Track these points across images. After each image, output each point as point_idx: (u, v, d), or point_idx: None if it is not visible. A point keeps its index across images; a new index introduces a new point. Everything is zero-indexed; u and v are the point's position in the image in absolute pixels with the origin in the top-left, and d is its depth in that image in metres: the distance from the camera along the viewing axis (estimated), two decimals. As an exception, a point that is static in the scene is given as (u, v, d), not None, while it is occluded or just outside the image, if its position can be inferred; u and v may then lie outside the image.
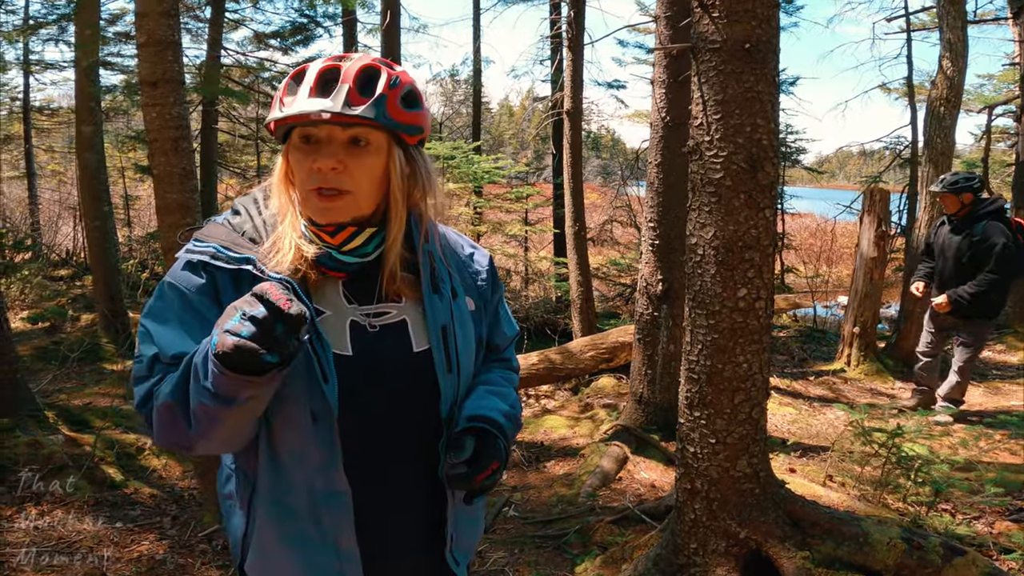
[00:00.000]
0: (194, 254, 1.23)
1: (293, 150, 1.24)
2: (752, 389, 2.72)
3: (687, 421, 2.82)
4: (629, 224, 10.87)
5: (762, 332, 2.70)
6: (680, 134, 4.95)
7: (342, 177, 1.20)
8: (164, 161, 4.59)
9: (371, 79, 1.21)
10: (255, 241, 1.26)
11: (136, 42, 4.66)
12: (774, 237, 2.65)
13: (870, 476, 4.16)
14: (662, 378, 5.19)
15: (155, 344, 1.19)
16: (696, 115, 2.60)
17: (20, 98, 15.01)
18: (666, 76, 4.88)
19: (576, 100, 7.27)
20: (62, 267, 13.22)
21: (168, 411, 1.13)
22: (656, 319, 5.18)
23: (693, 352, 2.75)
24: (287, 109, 1.19)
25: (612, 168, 18.40)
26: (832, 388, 6.83)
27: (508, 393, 1.42)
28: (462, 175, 7.62)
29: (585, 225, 7.66)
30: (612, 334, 6.71)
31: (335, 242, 1.25)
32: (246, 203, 1.34)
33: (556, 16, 9.40)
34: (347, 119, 1.17)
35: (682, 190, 5.12)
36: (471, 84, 12.15)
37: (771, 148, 2.54)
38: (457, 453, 1.24)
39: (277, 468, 1.24)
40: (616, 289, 10.36)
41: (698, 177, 2.62)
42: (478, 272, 1.46)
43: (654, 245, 5.11)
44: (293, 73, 1.25)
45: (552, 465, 5.00)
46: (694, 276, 2.72)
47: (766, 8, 2.45)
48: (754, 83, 2.47)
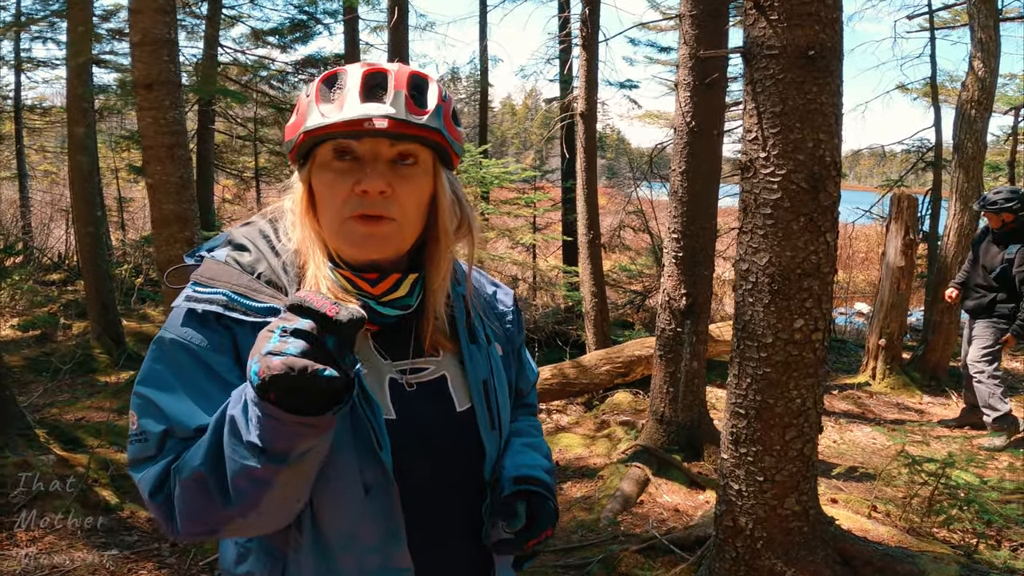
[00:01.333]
0: (200, 303, 1.03)
1: (322, 170, 1.06)
2: (805, 425, 2.58)
3: (731, 457, 2.69)
4: (641, 229, 10.66)
5: (818, 365, 2.54)
6: (706, 140, 4.75)
7: (389, 202, 1.04)
8: (160, 170, 4.38)
9: (421, 88, 1.07)
10: (276, 286, 1.06)
11: (130, 41, 4.47)
12: (834, 263, 2.44)
13: (916, 504, 3.97)
14: (685, 396, 5.02)
15: (166, 417, 0.99)
16: (750, 128, 2.39)
17: (11, 96, 14.79)
18: (691, 78, 4.67)
19: (590, 102, 7.05)
20: (54, 271, 13.01)
21: (198, 485, 0.94)
22: (679, 335, 4.99)
23: (741, 386, 2.61)
24: (331, 116, 1.02)
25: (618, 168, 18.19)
26: (858, 403, 6.67)
27: (542, 444, 1.33)
28: (470, 180, 7.39)
29: (599, 233, 7.45)
30: (628, 347, 6.55)
31: (376, 292, 1.08)
32: (252, 237, 1.12)
33: (565, 14, 9.18)
34: (408, 129, 1.02)
35: (708, 199, 4.95)
36: (478, 83, 11.93)
37: (834, 166, 2.33)
38: (511, 522, 1.14)
39: (323, 551, 1.06)
40: (627, 296, 10.15)
41: (751, 197, 2.41)
42: (504, 314, 1.33)
43: (677, 257, 4.91)
44: (324, 76, 1.08)
45: (569, 487, 4.85)
46: (744, 305, 2.52)
47: (831, 10, 2.24)
48: (817, 93, 2.26)
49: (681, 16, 4.62)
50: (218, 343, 1.02)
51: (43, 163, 19.95)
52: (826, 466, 4.86)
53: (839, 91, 2.32)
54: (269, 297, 1.04)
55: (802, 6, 2.19)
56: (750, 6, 2.26)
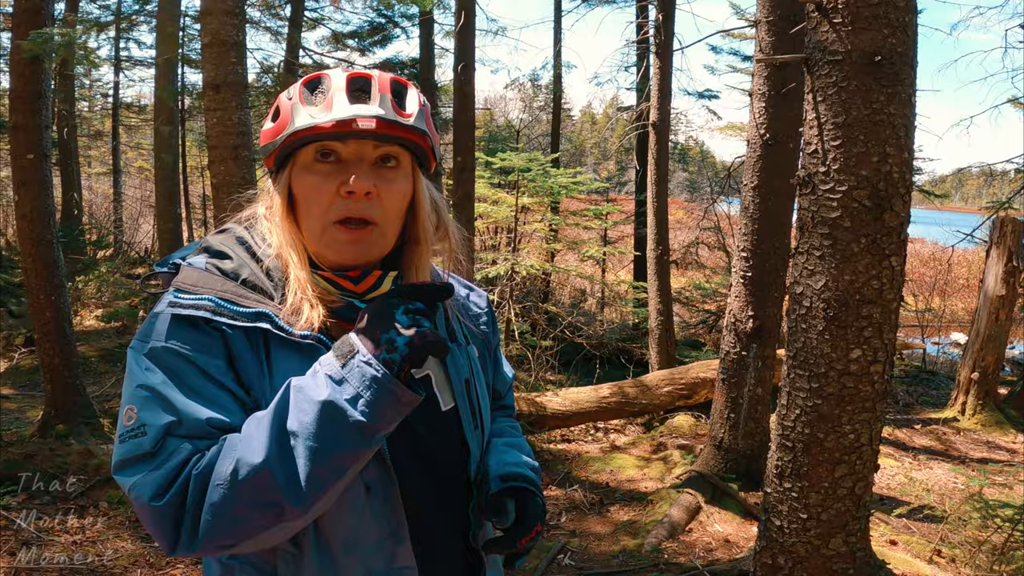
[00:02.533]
0: (186, 308, 1.02)
1: (304, 173, 1.08)
2: (858, 463, 2.43)
3: (775, 491, 2.58)
4: (717, 247, 10.34)
5: (876, 399, 2.36)
6: (781, 153, 4.55)
7: (373, 204, 1.07)
8: (223, 170, 4.50)
9: (402, 93, 1.11)
10: (261, 291, 1.08)
11: (200, 42, 4.63)
12: (900, 289, 2.26)
13: (986, 551, 3.67)
14: (746, 423, 4.86)
15: (173, 408, 0.97)
16: (809, 140, 2.24)
17: (110, 94, 15.70)
18: (767, 88, 4.49)
19: (663, 111, 6.90)
20: (139, 264, 13.69)
21: (261, 483, 0.92)
22: (743, 359, 4.80)
23: (789, 417, 2.48)
24: (320, 116, 1.05)
25: (700, 183, 17.81)
26: (941, 439, 6.31)
27: (523, 443, 1.35)
28: (537, 189, 7.35)
29: (668, 248, 7.27)
30: (693, 368, 6.37)
31: (359, 289, 1.12)
32: (228, 244, 1.13)
33: (643, 20, 9.02)
34: (394, 130, 1.06)
35: (781, 217, 4.74)
36: (552, 90, 11.87)
37: (903, 183, 2.15)
38: (501, 517, 1.19)
39: (326, 556, 1.06)
40: (699, 316, 9.87)
41: (809, 215, 2.26)
42: (478, 316, 1.36)
43: (746, 277, 4.72)
44: (305, 80, 1.10)
45: (616, 510, 4.79)
46: (797, 331, 2.37)
47: (901, 13, 2.07)
48: (884, 103, 2.09)
49: (757, 22, 4.44)
50: (210, 347, 1.02)
51: (138, 160, 21.12)
52: (893, 504, 4.63)
53: (910, 101, 2.14)
54: (256, 302, 1.05)
55: (868, 8, 2.03)
56: (811, 8, 2.11)
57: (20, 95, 5.46)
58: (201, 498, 0.93)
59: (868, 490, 2.50)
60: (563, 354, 8.32)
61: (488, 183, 8.16)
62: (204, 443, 0.97)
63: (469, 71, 5.08)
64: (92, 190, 19.79)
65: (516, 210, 7.80)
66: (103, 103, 17.52)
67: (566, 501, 4.93)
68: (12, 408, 6.78)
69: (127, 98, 17.92)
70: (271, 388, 1.02)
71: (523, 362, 7.67)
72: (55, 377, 5.73)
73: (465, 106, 5.22)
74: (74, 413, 5.74)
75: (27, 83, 5.38)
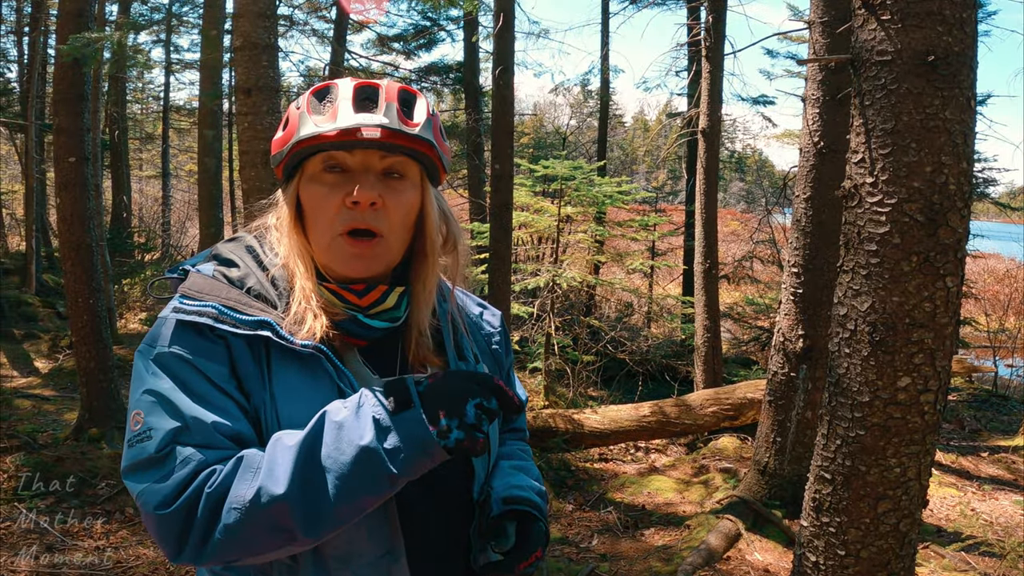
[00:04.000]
0: (189, 315, 1.05)
1: (311, 183, 1.11)
2: (903, 498, 2.29)
3: (811, 525, 2.48)
4: (771, 261, 10.06)
5: (926, 431, 2.22)
6: (836, 163, 4.37)
7: (379, 215, 1.09)
8: (254, 175, 4.52)
9: (409, 102, 1.13)
10: (265, 300, 1.11)
11: (232, 45, 4.69)
12: (956, 312, 2.10)
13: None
14: (793, 448, 4.70)
15: (180, 413, 1.00)
16: (856, 148, 2.10)
17: (161, 97, 16.18)
18: (821, 93, 4.32)
19: (713, 118, 6.73)
20: (184, 268, 14.00)
21: (278, 514, 0.95)
22: (792, 380, 4.63)
23: (829, 448, 2.36)
24: (324, 125, 1.07)
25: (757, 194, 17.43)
26: (1011, 468, 6.02)
27: (531, 467, 1.35)
28: (581, 199, 7.24)
29: (718, 262, 7.08)
30: (740, 388, 6.20)
31: (363, 303, 1.13)
32: (237, 252, 1.16)
33: (693, 21, 8.85)
34: (401, 140, 1.07)
35: (834, 231, 4.54)
36: (599, 95, 11.75)
37: (959, 196, 1.99)
38: (500, 541, 1.19)
39: (322, 574, 1.08)
40: (751, 333, 9.60)
41: (855, 230, 2.12)
42: (491, 334, 1.36)
43: (796, 294, 4.54)
44: (314, 89, 1.14)
45: (651, 534, 4.70)
46: (839, 356, 2.23)
47: (958, 8, 1.92)
48: (939, 108, 1.94)
49: (811, 23, 4.28)
50: (213, 353, 1.05)
51: (188, 163, 21.73)
52: (951, 537, 4.43)
53: (969, 106, 1.98)
54: (259, 310, 1.07)
55: (920, 3, 1.89)
56: (857, 5, 1.98)
57: (63, 98, 5.62)
58: (213, 517, 0.96)
59: (914, 528, 2.36)
60: (605, 370, 8.20)
61: (530, 191, 8.09)
62: (213, 453, 0.98)
63: (508, 75, 5.02)
64: (142, 193, 20.41)
65: (559, 220, 7.70)
66: (155, 106, 18.05)
67: (599, 523, 4.84)
68: (51, 410, 6.97)
69: (179, 100, 18.47)
70: (271, 397, 1.05)
71: (563, 377, 7.57)
72: (90, 381, 5.86)
73: (503, 111, 5.15)
74: (107, 417, 5.85)
75: (69, 86, 5.53)
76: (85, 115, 5.66)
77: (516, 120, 8.61)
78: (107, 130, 13.22)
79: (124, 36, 5.39)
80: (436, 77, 10.36)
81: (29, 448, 5.51)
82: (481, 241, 7.40)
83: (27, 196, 11.67)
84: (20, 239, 14.92)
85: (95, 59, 4.68)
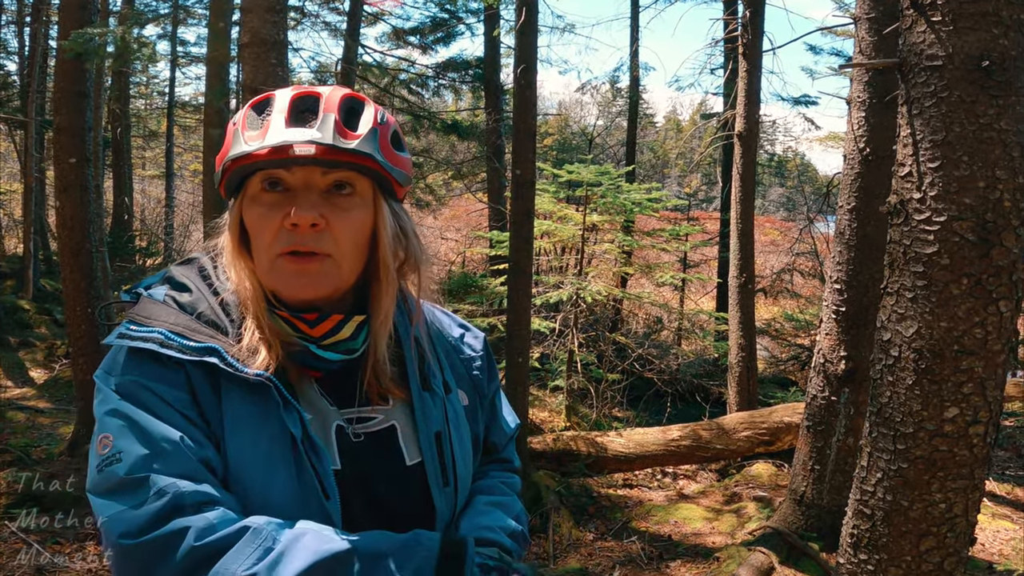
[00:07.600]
0: (135, 340, 1.06)
1: (252, 204, 1.09)
2: (948, 536, 2.28)
3: (848, 562, 2.48)
4: (812, 274, 9.97)
5: (975, 465, 2.21)
6: (883, 171, 4.32)
7: (322, 236, 1.06)
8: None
9: (355, 111, 1.11)
10: (216, 327, 1.10)
11: (239, 42, 4.74)
12: (1010, 339, 2.06)
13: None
14: (833, 476, 4.68)
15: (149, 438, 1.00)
16: (903, 160, 2.08)
17: (167, 92, 16.40)
18: (867, 95, 4.28)
19: (750, 120, 6.69)
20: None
21: None
22: (833, 404, 4.59)
23: (869, 481, 2.36)
24: (255, 143, 1.05)
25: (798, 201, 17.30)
26: (1073, 501, 5.85)
27: (512, 504, 1.32)
28: (608, 206, 7.21)
29: (754, 275, 7.03)
30: (776, 412, 6.16)
31: (315, 333, 1.11)
32: (190, 275, 1.17)
33: (730, 15, 8.82)
34: (338, 155, 1.05)
35: (882, 245, 4.50)
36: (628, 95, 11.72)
37: (1015, 213, 1.97)
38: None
39: None
40: (790, 351, 9.52)
41: (900, 249, 2.10)
42: (471, 359, 1.34)
43: (838, 312, 4.50)
44: (254, 102, 1.12)
45: (676, 567, 4.69)
46: (882, 384, 2.21)
47: (1015, 9, 1.89)
48: (994, 118, 1.92)
49: (856, 20, 4.25)
50: (174, 380, 1.05)
51: (194, 162, 21.93)
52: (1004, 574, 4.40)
53: (1028, 116, 1.96)
54: (207, 336, 1.07)
55: (974, 3, 1.87)
56: (906, 4, 1.96)
57: (64, 95, 5.71)
58: (194, 570, 0.95)
59: (960, 566, 2.35)
60: (632, 389, 8.16)
61: (553, 197, 8.08)
62: (188, 485, 0.98)
63: (530, 74, 5.02)
64: (145, 193, 20.66)
65: (583, 228, 7.70)
66: (159, 102, 18.29)
67: (621, 553, 4.83)
68: (46, 423, 7.06)
69: (184, 96, 18.63)
70: (223, 426, 1.05)
71: (586, 397, 7.54)
72: (88, 394, 5.93)
73: (525, 113, 5.15)
74: (103, 431, 5.93)
75: (71, 83, 5.63)
76: (87, 113, 5.75)
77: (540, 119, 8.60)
78: (109, 127, 13.42)
79: (128, 31, 5.47)
80: (454, 74, 10.40)
81: (22, 463, 5.58)
82: (500, 251, 7.41)
83: (26, 196, 11.88)
84: (18, 241, 15.17)
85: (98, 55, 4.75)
